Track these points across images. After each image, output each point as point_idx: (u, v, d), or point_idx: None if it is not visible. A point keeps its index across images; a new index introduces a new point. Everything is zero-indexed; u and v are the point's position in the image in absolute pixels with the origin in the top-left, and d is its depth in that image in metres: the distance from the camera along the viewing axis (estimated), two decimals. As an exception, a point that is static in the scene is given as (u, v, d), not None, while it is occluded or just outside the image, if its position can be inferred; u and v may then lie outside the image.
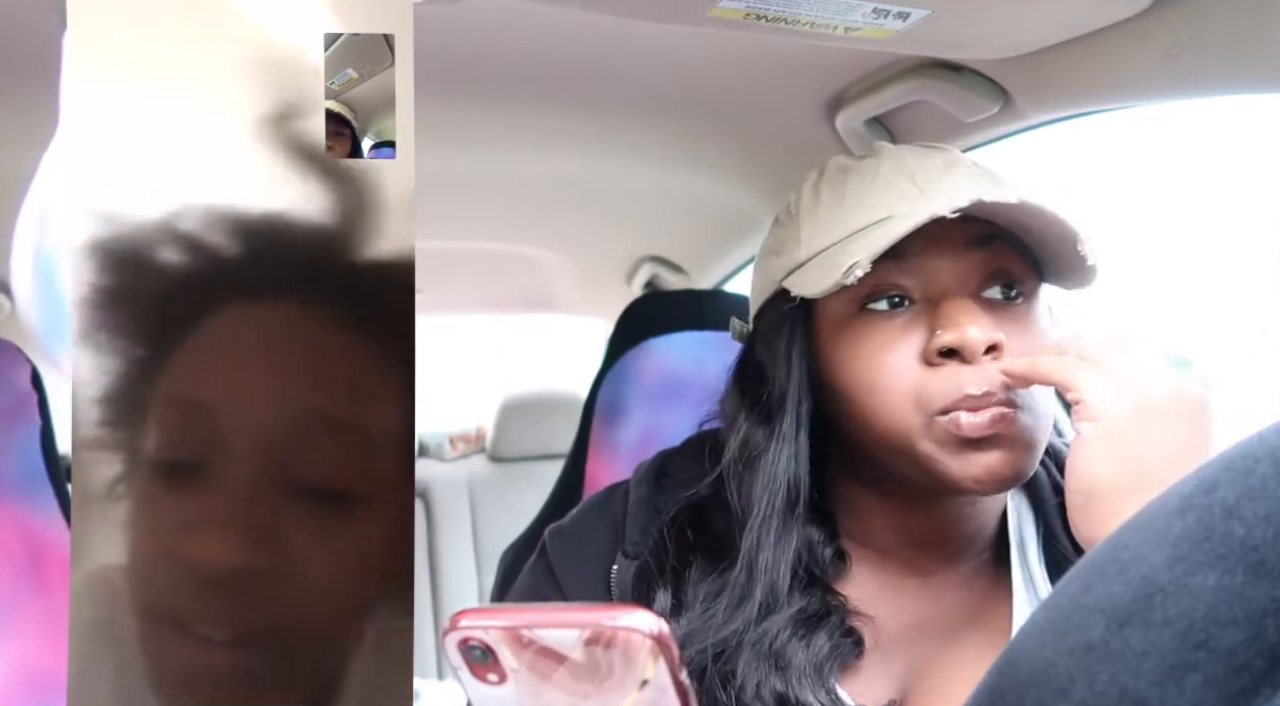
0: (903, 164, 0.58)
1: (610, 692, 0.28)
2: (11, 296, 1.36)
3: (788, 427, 0.58)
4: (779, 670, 0.54)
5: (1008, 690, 0.25)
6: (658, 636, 0.27)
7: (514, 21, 0.80)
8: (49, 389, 0.90)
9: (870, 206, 0.57)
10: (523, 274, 1.84)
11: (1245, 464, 0.23)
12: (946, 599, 0.61)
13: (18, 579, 0.83)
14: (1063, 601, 0.25)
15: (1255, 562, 0.21)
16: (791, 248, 0.59)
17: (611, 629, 0.27)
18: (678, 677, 0.28)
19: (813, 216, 0.59)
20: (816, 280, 0.55)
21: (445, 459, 2.36)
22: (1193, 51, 0.65)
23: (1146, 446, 0.47)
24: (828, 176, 0.61)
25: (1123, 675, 0.22)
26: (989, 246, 0.55)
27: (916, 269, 0.55)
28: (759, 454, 0.59)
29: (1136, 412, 0.47)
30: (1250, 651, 0.20)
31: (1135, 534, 0.24)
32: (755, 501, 0.58)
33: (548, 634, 0.28)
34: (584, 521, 0.68)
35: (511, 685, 0.29)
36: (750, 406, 0.60)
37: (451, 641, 0.29)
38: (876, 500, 0.60)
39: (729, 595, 0.57)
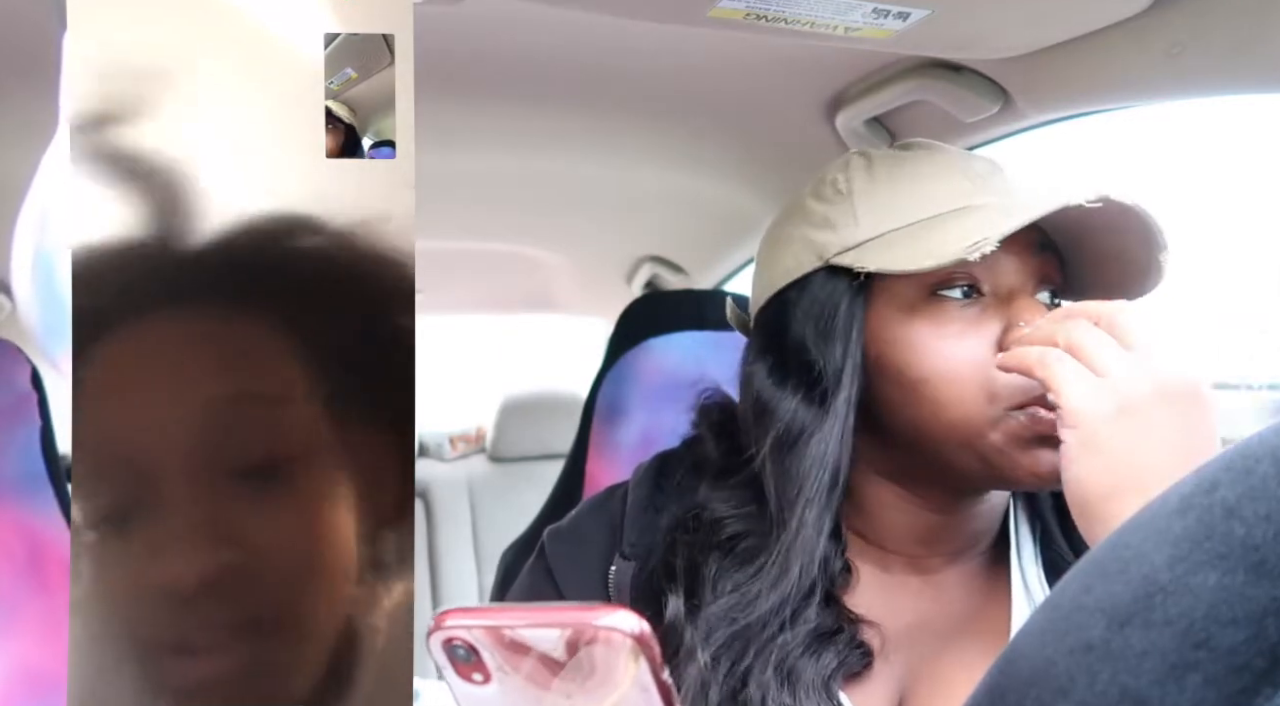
0: (954, 160, 0.59)
1: (593, 692, 0.28)
2: (11, 296, 1.36)
3: (841, 405, 0.56)
4: (789, 684, 0.54)
5: (1008, 689, 0.25)
6: (639, 636, 0.27)
7: (514, 21, 0.80)
8: (49, 389, 0.90)
9: (939, 193, 0.57)
10: (523, 274, 1.84)
11: (1245, 464, 0.23)
12: (947, 598, 0.61)
13: (18, 579, 0.83)
14: (1063, 601, 0.25)
15: (1256, 562, 0.21)
16: (846, 223, 0.57)
17: (593, 628, 0.27)
18: (660, 677, 0.28)
19: (870, 195, 0.58)
20: (907, 256, 0.54)
21: (445, 459, 2.36)
22: (1193, 51, 0.65)
23: (1133, 450, 0.46)
24: (880, 160, 0.60)
25: (1123, 674, 0.22)
26: (1043, 253, 0.56)
27: (991, 263, 0.54)
28: (808, 432, 0.57)
29: (1118, 415, 0.47)
30: (1251, 651, 0.20)
31: (1136, 533, 0.24)
32: (801, 479, 0.56)
33: (530, 633, 0.28)
34: (582, 523, 0.68)
35: (496, 685, 0.29)
36: (796, 386, 0.58)
37: (436, 641, 0.29)
38: (893, 495, 0.60)
39: (766, 574, 0.56)
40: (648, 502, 0.65)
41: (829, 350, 0.57)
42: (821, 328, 0.58)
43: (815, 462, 0.56)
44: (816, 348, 0.58)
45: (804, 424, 0.57)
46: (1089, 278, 0.59)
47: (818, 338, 0.58)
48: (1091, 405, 0.47)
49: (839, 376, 0.57)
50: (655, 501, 0.65)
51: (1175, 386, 0.47)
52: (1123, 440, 0.46)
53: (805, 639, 0.55)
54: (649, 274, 1.71)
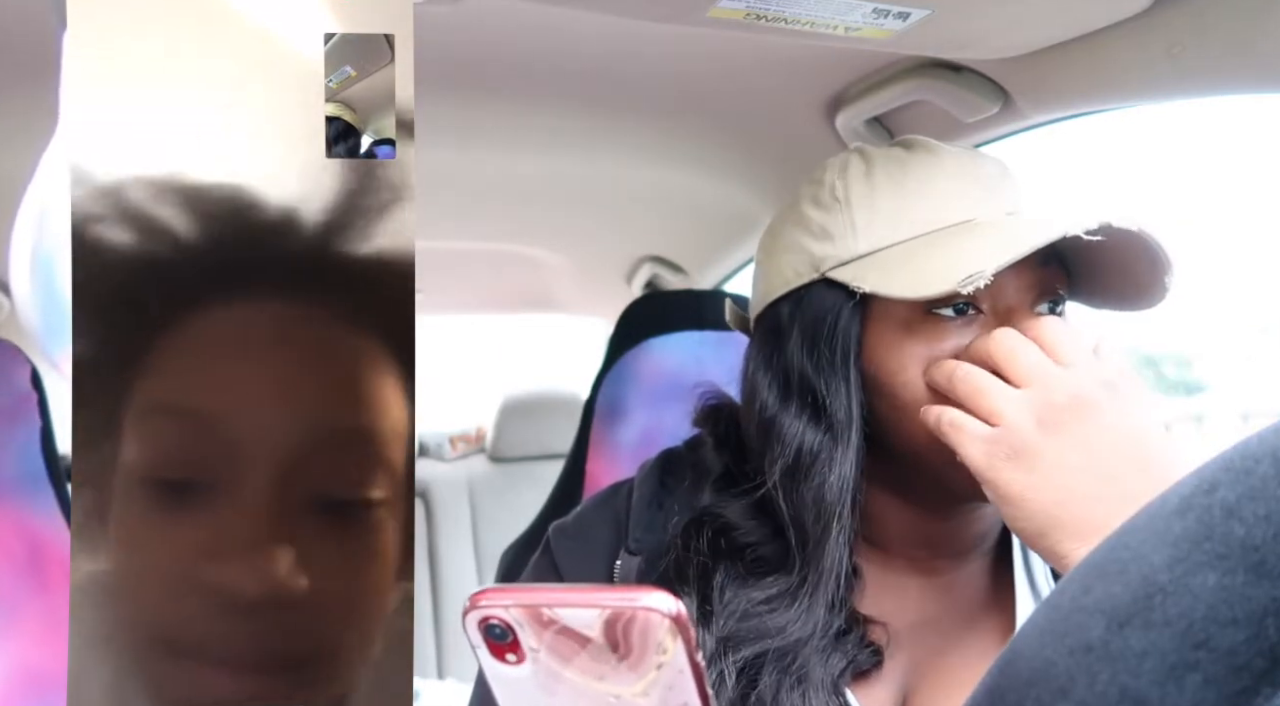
0: (963, 164, 0.58)
1: (627, 673, 0.28)
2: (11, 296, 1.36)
3: (854, 435, 0.56)
4: (798, 684, 0.54)
5: (1008, 690, 0.25)
6: (676, 616, 0.28)
7: (514, 21, 0.80)
8: (49, 389, 0.90)
9: (943, 205, 0.56)
10: (523, 274, 1.84)
11: (1245, 464, 0.23)
12: (950, 597, 0.61)
13: (18, 579, 0.83)
14: (1063, 601, 0.25)
15: (1255, 562, 0.21)
16: (844, 235, 0.57)
17: (632, 608, 0.28)
18: (694, 659, 0.28)
19: (870, 206, 0.57)
20: (907, 281, 0.53)
21: (445, 459, 2.36)
22: (1193, 51, 0.65)
23: (1057, 460, 0.47)
24: (880, 163, 0.58)
25: (1123, 675, 0.22)
26: (1047, 265, 0.56)
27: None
28: (823, 462, 0.56)
29: (1037, 426, 0.48)
30: (1250, 651, 0.20)
31: (1135, 534, 0.24)
32: (824, 512, 0.55)
33: (568, 613, 0.28)
34: (588, 518, 0.68)
35: (529, 664, 0.29)
36: (800, 410, 0.57)
37: (472, 620, 0.29)
38: (893, 503, 0.60)
39: (798, 605, 0.55)
40: (653, 499, 0.65)
41: (830, 371, 0.56)
42: (819, 344, 0.57)
43: (835, 495, 0.55)
44: (816, 367, 0.57)
45: (815, 450, 0.56)
46: (1095, 289, 0.58)
47: (816, 355, 0.57)
48: (986, 459, 0.48)
49: (845, 402, 0.56)
50: (660, 498, 0.65)
51: (1097, 396, 0.48)
52: (1024, 489, 0.47)
53: (817, 640, 0.55)
54: (649, 274, 1.71)
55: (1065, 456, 0.47)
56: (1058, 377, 0.48)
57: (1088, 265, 0.57)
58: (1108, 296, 0.58)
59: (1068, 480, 0.47)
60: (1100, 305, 0.59)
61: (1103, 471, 0.46)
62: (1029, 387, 0.49)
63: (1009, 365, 0.50)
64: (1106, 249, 0.53)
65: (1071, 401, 0.48)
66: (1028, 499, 0.47)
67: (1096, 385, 0.48)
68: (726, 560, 0.59)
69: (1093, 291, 0.59)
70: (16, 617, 0.82)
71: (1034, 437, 0.48)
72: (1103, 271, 0.56)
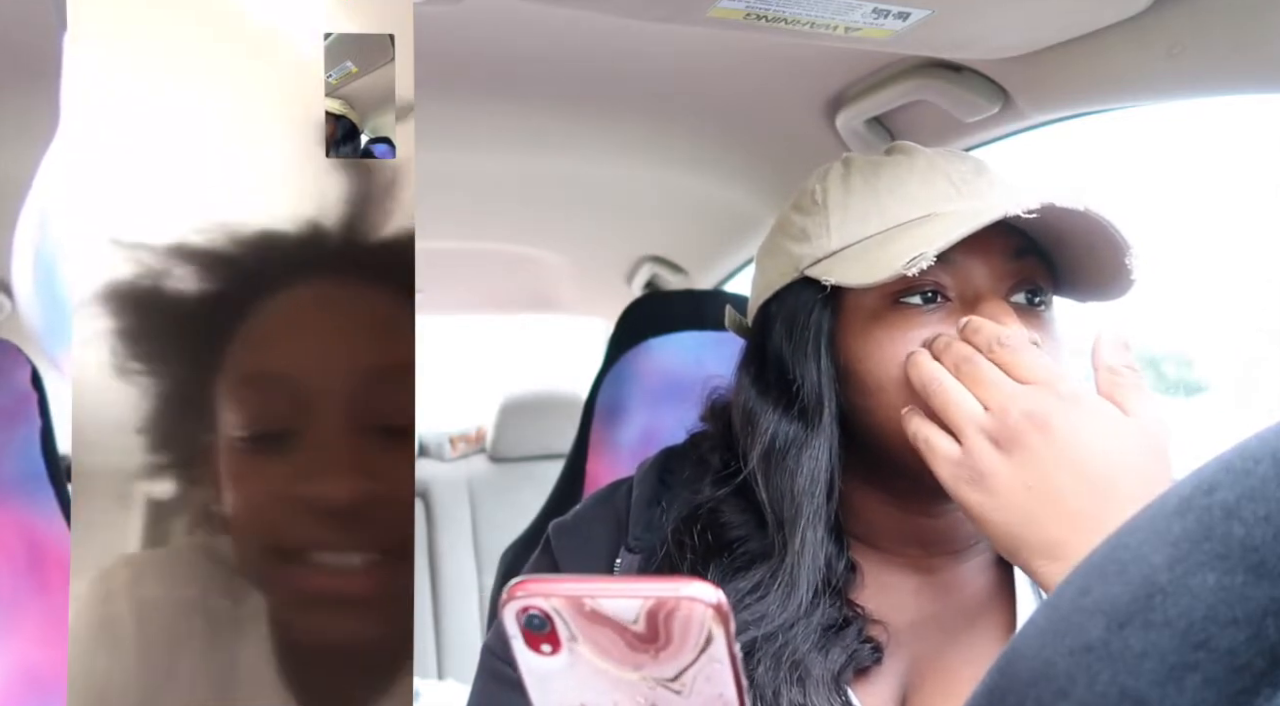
0: (935, 163, 0.59)
1: (666, 663, 0.28)
2: (12, 296, 1.36)
3: (826, 420, 0.57)
4: (798, 681, 0.54)
5: (1008, 690, 0.25)
6: (718, 606, 0.27)
7: (514, 21, 0.80)
8: (49, 389, 0.90)
9: (910, 201, 0.57)
10: (523, 274, 1.84)
11: (1245, 464, 0.23)
12: (950, 596, 0.61)
13: (18, 579, 0.83)
14: (1063, 601, 0.25)
15: (1255, 563, 0.21)
16: (819, 235, 0.59)
17: (675, 598, 0.27)
18: (733, 649, 0.28)
19: (844, 206, 0.58)
20: (862, 270, 0.55)
21: (445, 459, 2.36)
22: (1193, 51, 0.65)
23: (1001, 513, 0.47)
24: (858, 168, 0.60)
25: (1123, 675, 0.22)
26: (1021, 259, 0.56)
27: (955, 268, 0.55)
28: (796, 448, 0.57)
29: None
30: (1250, 651, 0.20)
31: (1135, 534, 0.24)
32: (796, 496, 0.57)
33: (609, 603, 0.28)
34: (588, 516, 0.68)
35: (565, 655, 0.29)
36: (777, 399, 0.59)
37: (511, 609, 0.29)
38: (883, 500, 0.60)
39: (777, 589, 0.56)
40: (652, 497, 0.66)
41: (804, 362, 0.58)
42: (794, 339, 0.59)
43: (808, 480, 0.57)
44: (792, 359, 0.59)
45: (788, 438, 0.58)
46: (1075, 281, 0.59)
47: (792, 349, 0.59)
48: (970, 436, 0.49)
49: (817, 391, 0.58)
50: (660, 496, 0.65)
51: (1048, 413, 0.47)
52: (1000, 471, 0.48)
53: (814, 635, 0.56)
54: (649, 274, 1.71)
55: (1018, 477, 0.47)
56: (1011, 396, 0.49)
57: (1065, 258, 0.57)
58: (1085, 287, 0.59)
59: (1022, 501, 0.47)
60: (1081, 297, 0.60)
61: (1048, 491, 0.46)
62: (989, 405, 0.49)
63: (970, 383, 0.50)
64: (1078, 237, 0.54)
65: (1023, 420, 0.48)
66: (993, 520, 0.48)
67: (1051, 401, 0.48)
68: (716, 556, 0.59)
69: (1074, 284, 0.59)
70: (16, 617, 0.82)
71: (991, 460, 0.48)
72: (1078, 263, 0.57)
